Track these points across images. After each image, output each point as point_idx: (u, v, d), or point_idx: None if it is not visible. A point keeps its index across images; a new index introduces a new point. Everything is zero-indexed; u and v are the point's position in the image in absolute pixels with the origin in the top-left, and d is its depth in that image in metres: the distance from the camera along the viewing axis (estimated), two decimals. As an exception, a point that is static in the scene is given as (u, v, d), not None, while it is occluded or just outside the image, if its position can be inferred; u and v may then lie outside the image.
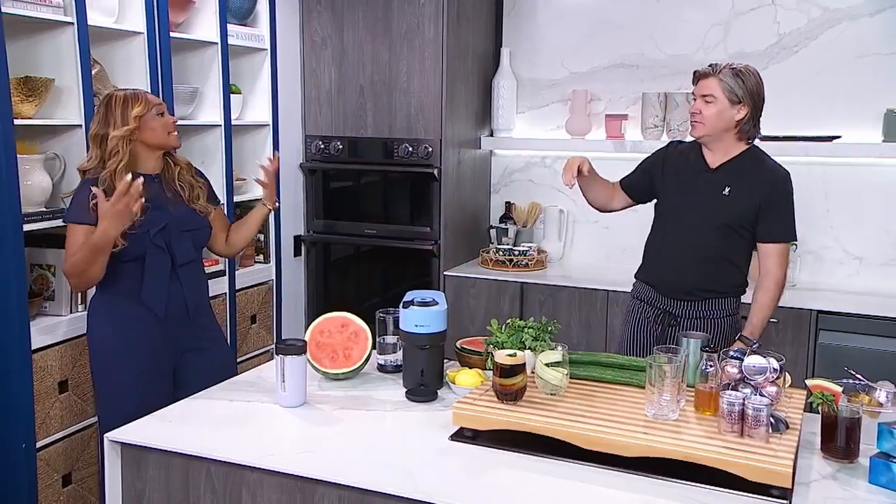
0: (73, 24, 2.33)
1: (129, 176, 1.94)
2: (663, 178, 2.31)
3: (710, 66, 2.16)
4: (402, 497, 1.41)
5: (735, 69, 2.12)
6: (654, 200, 2.36)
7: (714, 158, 2.21)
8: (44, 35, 2.36)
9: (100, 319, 2.17)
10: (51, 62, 2.37)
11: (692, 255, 2.20)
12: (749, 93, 2.11)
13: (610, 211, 2.48)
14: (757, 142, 3.08)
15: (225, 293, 2.99)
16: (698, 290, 2.21)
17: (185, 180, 2.21)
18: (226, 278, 2.99)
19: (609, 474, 1.46)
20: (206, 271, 2.89)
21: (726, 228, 2.17)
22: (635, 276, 2.40)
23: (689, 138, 2.33)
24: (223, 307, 2.98)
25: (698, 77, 2.18)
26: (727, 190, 2.16)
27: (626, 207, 2.46)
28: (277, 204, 2.43)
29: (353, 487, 1.45)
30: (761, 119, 2.19)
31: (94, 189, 1.97)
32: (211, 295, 2.50)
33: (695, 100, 2.18)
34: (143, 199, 2.00)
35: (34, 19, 2.26)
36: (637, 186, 2.39)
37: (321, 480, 1.48)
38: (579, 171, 2.23)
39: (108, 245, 1.98)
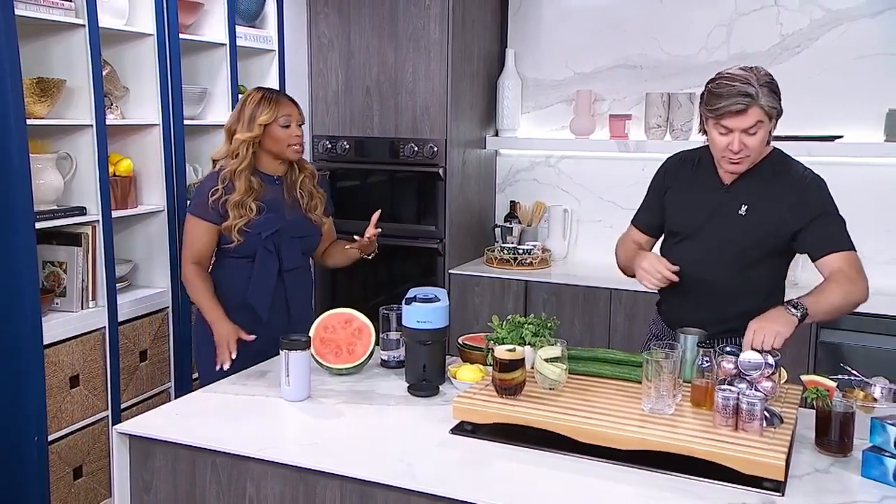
0: (84, 25, 2.38)
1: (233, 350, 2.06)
2: (673, 197, 2.00)
3: (743, 94, 1.72)
4: (401, 488, 1.44)
5: (770, 85, 1.76)
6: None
7: (729, 174, 1.89)
8: (56, 37, 2.42)
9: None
10: (63, 63, 2.43)
11: (703, 285, 1.88)
12: (780, 97, 1.79)
13: None
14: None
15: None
16: (720, 332, 1.85)
17: (306, 188, 2.23)
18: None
19: (605, 467, 1.49)
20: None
21: (744, 255, 1.87)
22: (657, 306, 2.09)
23: (676, 146, 2.04)
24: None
25: (735, 112, 1.73)
26: (743, 209, 1.86)
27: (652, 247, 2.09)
28: (375, 253, 2.35)
29: (354, 479, 1.48)
30: None
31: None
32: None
33: (723, 134, 1.77)
34: (260, 201, 2.11)
35: (46, 21, 2.32)
36: (653, 218, 2.05)
37: (323, 472, 1.51)
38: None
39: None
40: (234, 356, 1.96)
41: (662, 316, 2.06)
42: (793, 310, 1.72)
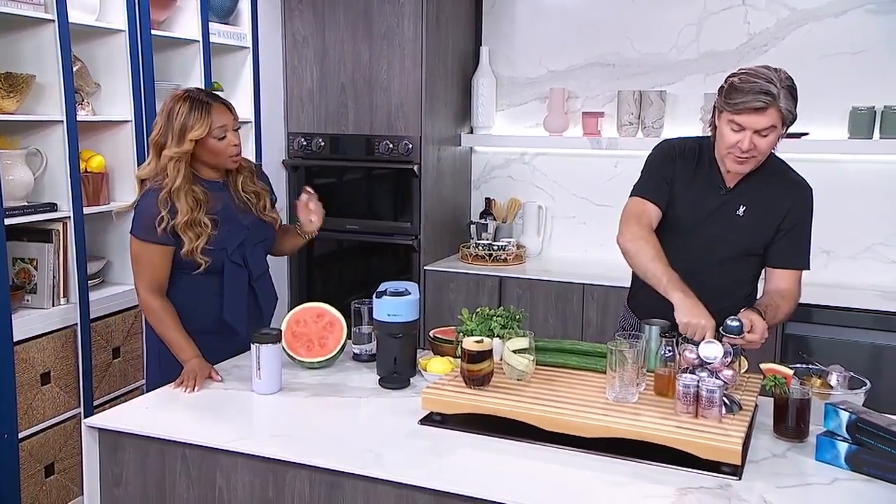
0: (53, 21, 2.37)
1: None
2: (676, 188, 1.93)
3: (765, 92, 1.69)
4: (369, 477, 1.46)
5: (790, 89, 1.73)
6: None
7: (731, 175, 1.88)
8: (25, 32, 2.40)
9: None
10: (32, 59, 2.41)
11: (693, 286, 1.78)
12: (796, 105, 1.76)
13: None
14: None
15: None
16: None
17: (249, 189, 2.06)
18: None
19: (571, 454, 1.52)
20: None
21: (738, 254, 1.90)
22: (627, 304, 2.10)
23: (665, 134, 2.04)
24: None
25: (753, 109, 1.71)
26: (741, 210, 1.87)
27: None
28: (315, 234, 2.19)
29: (323, 469, 1.50)
30: None
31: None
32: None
33: (736, 130, 1.75)
34: (213, 214, 1.94)
35: (14, 16, 2.30)
36: (666, 195, 1.94)
37: (292, 462, 1.52)
38: None
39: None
40: (196, 391, 1.82)
41: (637, 311, 2.07)
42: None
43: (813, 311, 2.80)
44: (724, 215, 1.89)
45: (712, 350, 1.59)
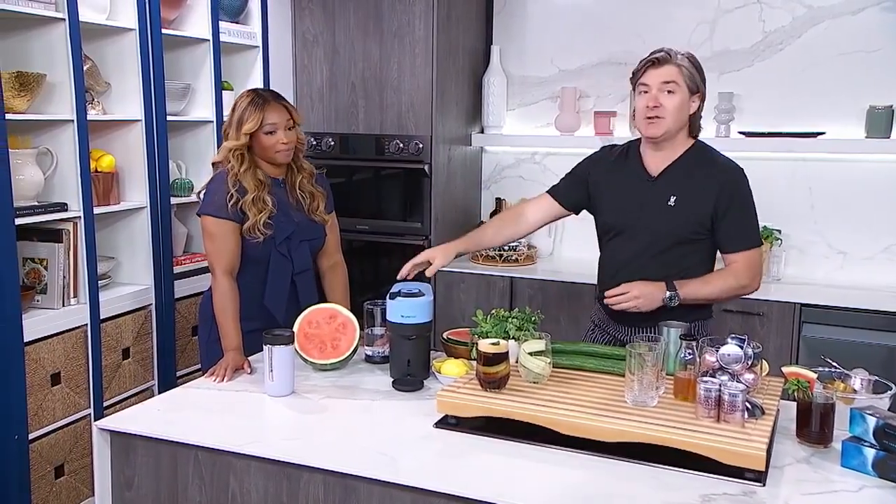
0: (64, 20, 2.36)
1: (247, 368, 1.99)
2: (600, 190, 2.07)
3: (663, 51, 1.90)
4: (384, 481, 1.44)
5: (690, 58, 1.92)
6: (591, 215, 2.15)
7: (655, 163, 1.97)
8: (35, 31, 2.39)
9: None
10: (43, 57, 2.40)
11: (639, 277, 1.94)
12: (704, 81, 1.93)
13: (528, 233, 2.25)
14: (739, 136, 3.16)
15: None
16: (650, 317, 1.92)
17: (306, 189, 2.22)
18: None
19: (589, 459, 1.49)
20: (189, 268, 2.90)
21: (676, 243, 1.95)
22: (598, 300, 2.17)
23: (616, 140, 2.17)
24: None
25: (651, 64, 1.89)
26: (672, 199, 1.93)
27: (550, 221, 2.21)
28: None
29: (337, 472, 1.48)
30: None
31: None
32: (201, 290, 2.52)
33: (645, 92, 1.89)
34: (273, 201, 2.10)
35: (25, 15, 2.29)
36: (569, 192, 2.14)
37: (306, 466, 1.50)
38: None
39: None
40: (226, 381, 1.92)
41: (606, 308, 2.08)
42: (667, 299, 1.91)
43: (829, 313, 2.77)
44: (656, 206, 1.96)
45: (732, 353, 1.56)
